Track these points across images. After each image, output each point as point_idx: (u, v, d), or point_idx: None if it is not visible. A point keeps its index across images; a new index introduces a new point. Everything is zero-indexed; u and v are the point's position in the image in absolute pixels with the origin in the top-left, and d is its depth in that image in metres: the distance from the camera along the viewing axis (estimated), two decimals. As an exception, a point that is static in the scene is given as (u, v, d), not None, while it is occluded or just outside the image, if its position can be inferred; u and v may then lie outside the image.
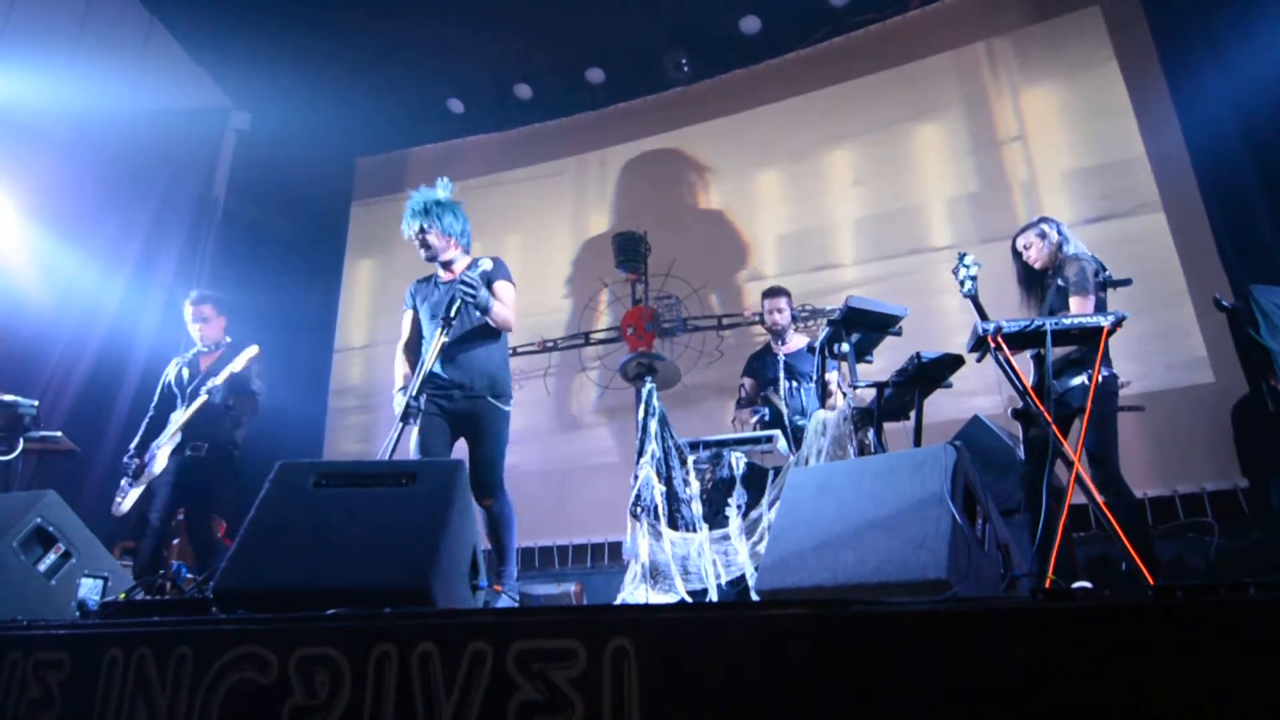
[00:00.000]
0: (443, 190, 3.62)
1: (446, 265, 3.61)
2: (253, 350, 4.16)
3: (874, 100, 6.63)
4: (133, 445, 4.23)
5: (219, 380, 4.03)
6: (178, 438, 4.12)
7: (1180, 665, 1.06)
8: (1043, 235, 3.51)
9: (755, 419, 4.36)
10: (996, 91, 6.20)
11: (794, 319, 4.72)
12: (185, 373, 4.33)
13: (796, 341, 4.61)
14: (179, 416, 4.15)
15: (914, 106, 6.46)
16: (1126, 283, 3.33)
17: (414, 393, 3.02)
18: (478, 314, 3.38)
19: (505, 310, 3.47)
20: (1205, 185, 5.09)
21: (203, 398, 4.02)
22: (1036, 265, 3.54)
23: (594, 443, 6.57)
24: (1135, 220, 5.40)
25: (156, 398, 4.38)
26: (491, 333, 3.47)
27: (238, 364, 4.09)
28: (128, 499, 4.08)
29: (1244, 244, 4.81)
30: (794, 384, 4.40)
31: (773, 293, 4.68)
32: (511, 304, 3.53)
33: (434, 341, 3.15)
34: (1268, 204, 4.71)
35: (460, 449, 3.39)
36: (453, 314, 3.17)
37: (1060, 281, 3.36)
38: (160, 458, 4.10)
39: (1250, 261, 4.68)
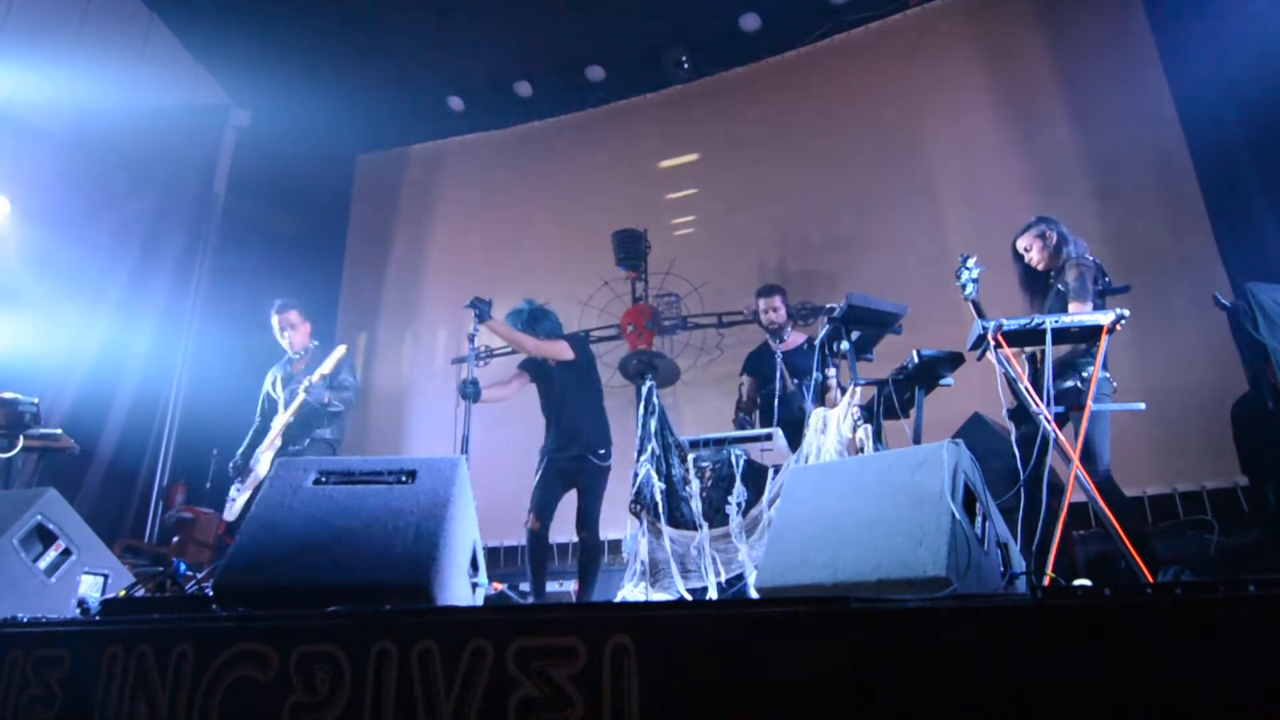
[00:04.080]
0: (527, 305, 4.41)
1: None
2: (340, 351, 4.30)
3: (874, 97, 6.62)
4: (239, 452, 4.40)
5: (314, 379, 4.19)
6: (279, 441, 4.27)
7: (1180, 662, 1.06)
8: (1042, 236, 3.48)
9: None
10: (996, 87, 6.19)
11: (790, 316, 4.69)
12: (280, 380, 4.50)
13: (795, 339, 4.58)
14: (279, 420, 4.30)
15: (913, 102, 6.45)
16: (1125, 289, 3.32)
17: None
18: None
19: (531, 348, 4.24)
20: (1205, 182, 5.08)
21: (300, 397, 4.18)
22: (1040, 267, 3.51)
23: (594, 440, 6.56)
24: (1134, 217, 5.39)
25: (259, 408, 4.54)
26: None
27: (327, 366, 4.23)
28: (237, 503, 4.28)
29: (1244, 241, 4.81)
30: (794, 381, 4.38)
31: (767, 291, 4.63)
32: (518, 342, 4.23)
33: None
34: (1267, 201, 4.70)
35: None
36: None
37: (1060, 286, 3.35)
38: (264, 461, 4.26)
39: (1250, 259, 4.68)
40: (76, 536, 2.79)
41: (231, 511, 4.31)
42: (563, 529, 4.33)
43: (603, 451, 4.23)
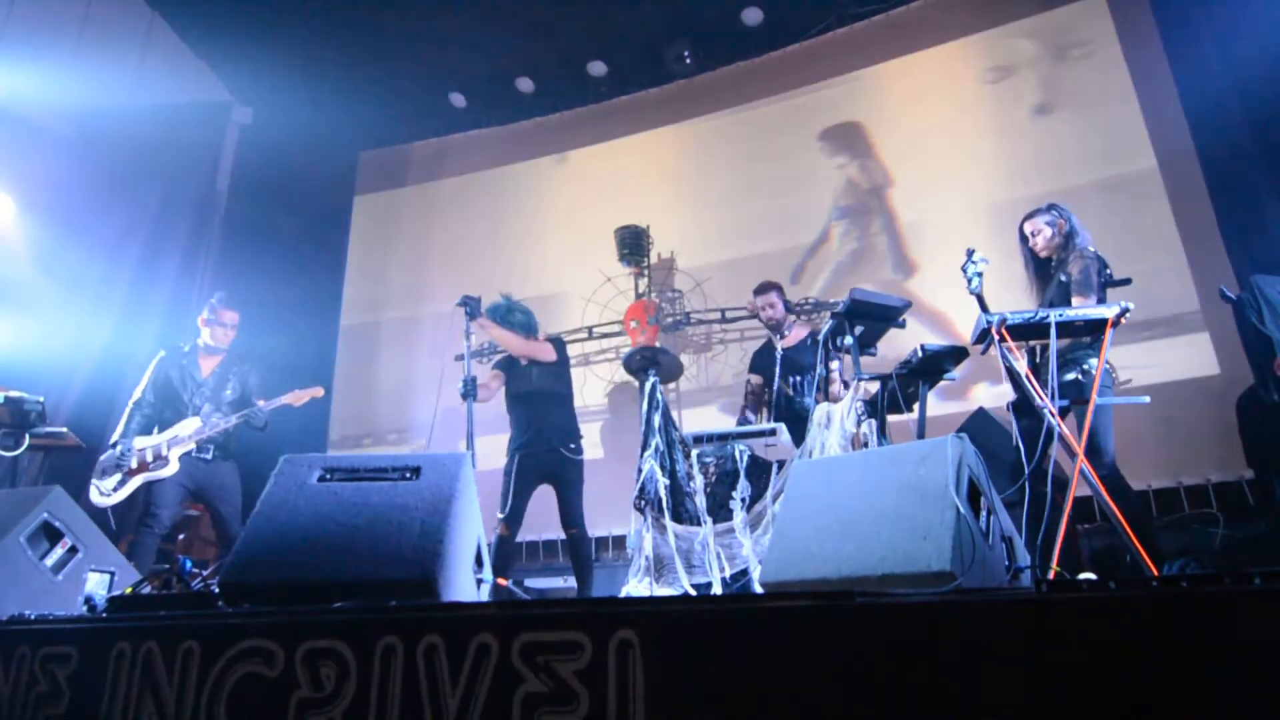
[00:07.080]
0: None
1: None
2: (310, 394, 4.39)
3: (877, 91, 6.61)
4: (117, 435, 4.12)
5: (264, 405, 4.23)
6: (192, 446, 4.12)
7: (1185, 655, 1.06)
8: (1053, 224, 3.48)
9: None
10: (999, 82, 6.17)
11: (789, 310, 4.67)
12: (183, 373, 4.25)
13: (796, 334, 4.57)
14: (191, 422, 4.15)
15: (916, 98, 6.43)
16: (1126, 282, 3.32)
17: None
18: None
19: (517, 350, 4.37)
20: (1210, 175, 5.06)
21: (222, 421, 4.16)
22: (1042, 254, 3.51)
23: (597, 436, 6.58)
24: (1139, 211, 5.37)
25: (152, 391, 4.24)
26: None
27: (293, 399, 4.32)
28: (124, 489, 4.00)
29: (1249, 235, 4.79)
30: (796, 378, 4.38)
31: (763, 288, 4.61)
32: (506, 340, 4.34)
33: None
34: (1272, 194, 4.69)
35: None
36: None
37: (1063, 277, 3.34)
38: (173, 461, 4.08)
39: (1255, 252, 4.66)
40: (83, 534, 2.80)
41: (110, 499, 4.00)
42: (556, 526, 4.34)
43: (574, 445, 4.31)
